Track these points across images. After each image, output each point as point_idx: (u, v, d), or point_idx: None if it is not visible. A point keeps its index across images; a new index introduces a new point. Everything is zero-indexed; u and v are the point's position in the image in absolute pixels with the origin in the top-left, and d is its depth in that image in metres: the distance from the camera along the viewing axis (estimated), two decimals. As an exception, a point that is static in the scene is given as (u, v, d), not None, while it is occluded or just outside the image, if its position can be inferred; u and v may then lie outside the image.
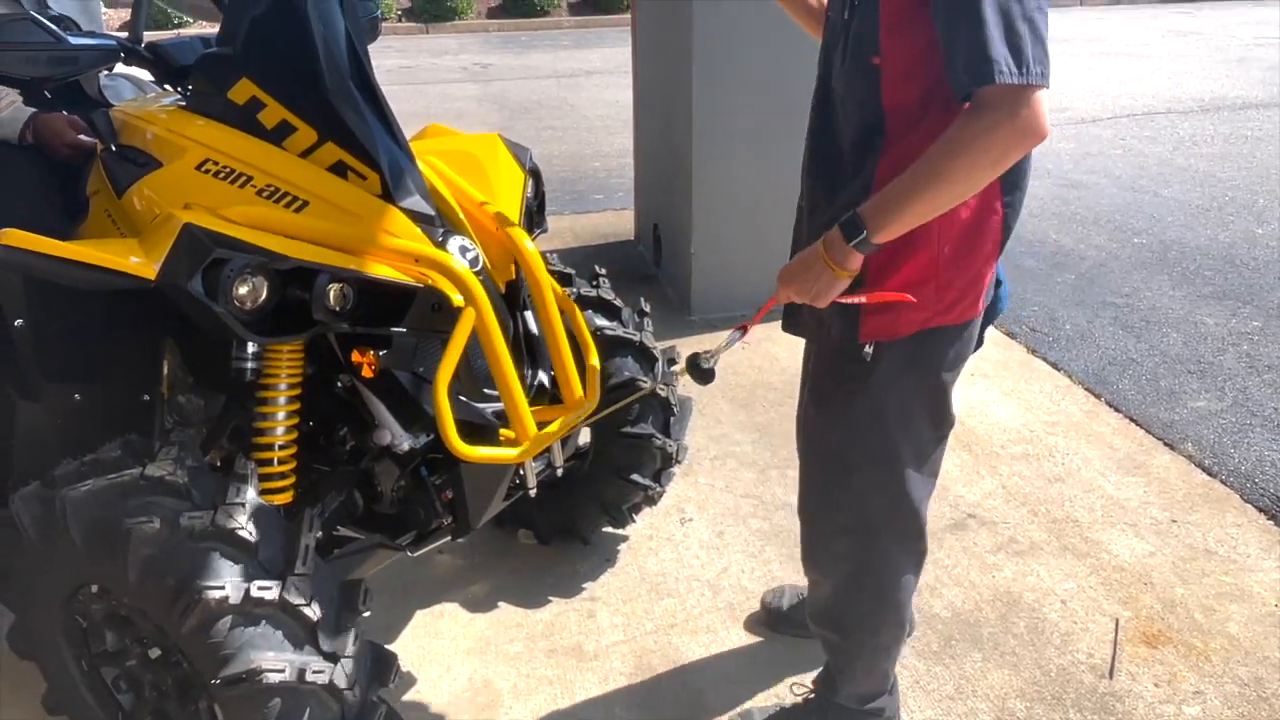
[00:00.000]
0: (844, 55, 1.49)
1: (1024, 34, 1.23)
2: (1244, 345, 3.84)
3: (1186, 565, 2.55)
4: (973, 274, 1.51)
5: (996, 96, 1.24)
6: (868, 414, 1.61)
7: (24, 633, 1.78)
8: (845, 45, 1.48)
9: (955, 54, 1.28)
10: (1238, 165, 6.31)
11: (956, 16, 1.26)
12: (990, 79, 1.22)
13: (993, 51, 1.21)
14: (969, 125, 1.26)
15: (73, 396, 1.81)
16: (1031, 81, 1.22)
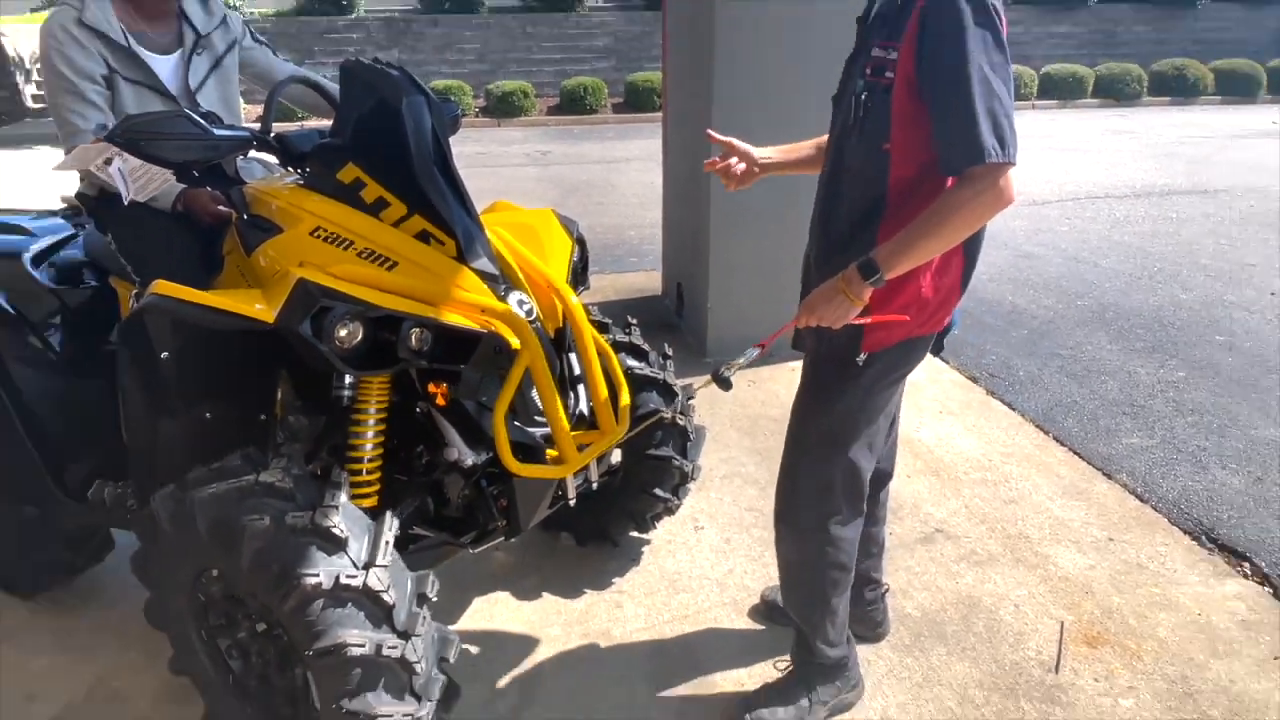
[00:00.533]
0: (859, 142, 1.56)
1: (1005, 125, 1.35)
2: (1170, 392, 3.77)
3: (1122, 578, 2.49)
4: (943, 298, 1.63)
5: (983, 172, 1.36)
6: (852, 406, 1.70)
7: (158, 608, 1.79)
8: (860, 135, 1.55)
9: (951, 140, 1.39)
10: (1165, 242, 6.24)
11: (952, 112, 1.37)
12: (981, 160, 1.33)
13: (984, 140, 1.33)
14: (961, 193, 1.39)
15: (204, 415, 1.83)
16: (1009, 160, 1.34)
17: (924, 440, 3.27)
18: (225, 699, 1.80)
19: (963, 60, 1.34)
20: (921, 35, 1.39)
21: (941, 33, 1.36)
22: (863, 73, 1.53)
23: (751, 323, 3.92)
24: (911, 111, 1.45)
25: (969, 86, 1.34)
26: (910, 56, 1.42)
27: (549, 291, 1.92)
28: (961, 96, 1.35)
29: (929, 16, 1.37)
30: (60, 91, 1.99)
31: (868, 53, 1.53)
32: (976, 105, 1.34)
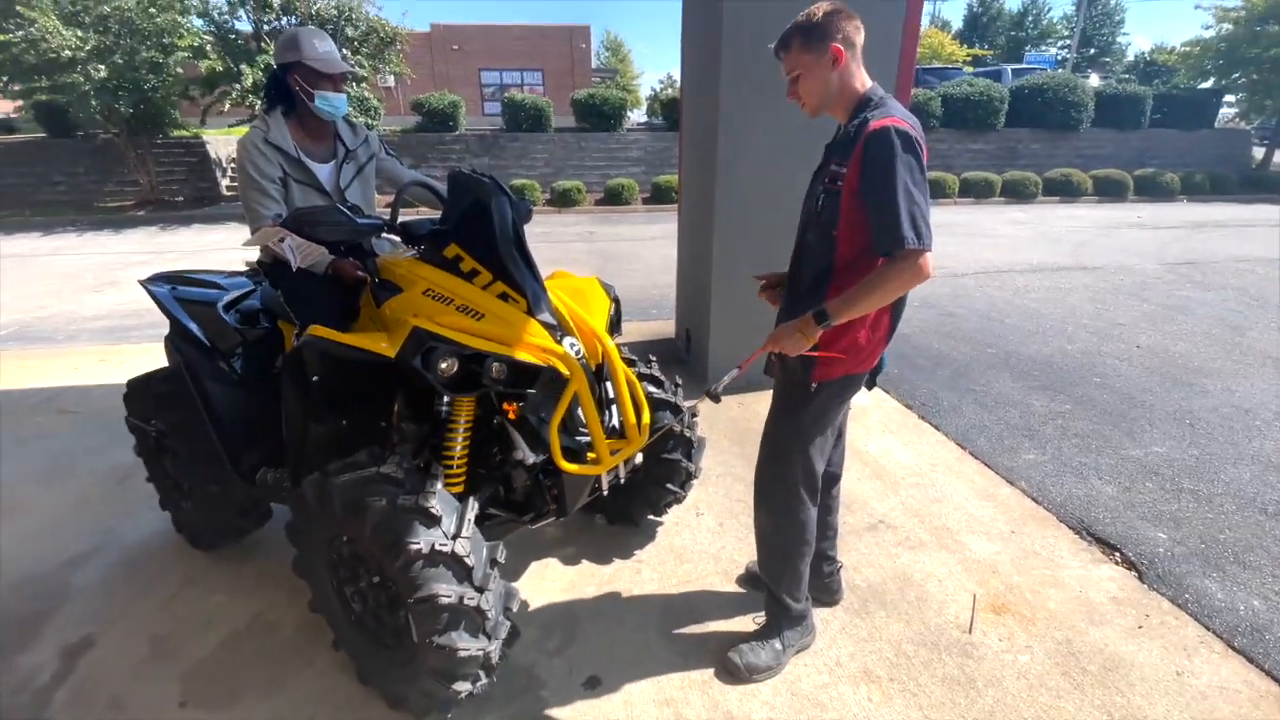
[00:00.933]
0: (816, 229, 1.62)
1: (921, 223, 1.42)
2: (1059, 420, 3.66)
3: (1021, 562, 2.42)
4: (874, 346, 1.68)
5: (904, 255, 1.42)
6: (808, 421, 1.74)
7: (303, 562, 1.81)
8: (817, 224, 1.61)
9: (881, 229, 1.45)
10: (1054, 306, 6.12)
11: (884, 213, 1.43)
12: (903, 246, 1.40)
13: (905, 232, 1.40)
14: (890, 269, 1.46)
15: (341, 422, 1.87)
16: (924, 247, 1.42)
17: (870, 452, 3.22)
18: (349, 631, 1.81)
19: (891, 177, 1.42)
20: (864, 158, 1.47)
21: (877, 157, 1.44)
22: (823, 182, 1.60)
23: (740, 359, 3.94)
24: (853, 210, 1.53)
25: (895, 195, 1.41)
26: (855, 173, 1.49)
27: (593, 337, 1.94)
28: (889, 202, 1.42)
29: (869, 146, 1.46)
30: (249, 188, 2.06)
31: (827, 168, 1.60)
32: (900, 208, 1.41)
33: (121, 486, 2.93)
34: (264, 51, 11.24)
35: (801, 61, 1.55)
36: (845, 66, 1.54)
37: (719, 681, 1.88)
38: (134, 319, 5.96)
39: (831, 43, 1.51)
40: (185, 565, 2.39)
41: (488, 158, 14.31)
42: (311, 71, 2.05)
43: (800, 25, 1.54)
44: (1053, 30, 35.15)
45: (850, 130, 1.54)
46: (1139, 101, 16.37)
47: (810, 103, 1.60)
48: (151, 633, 2.07)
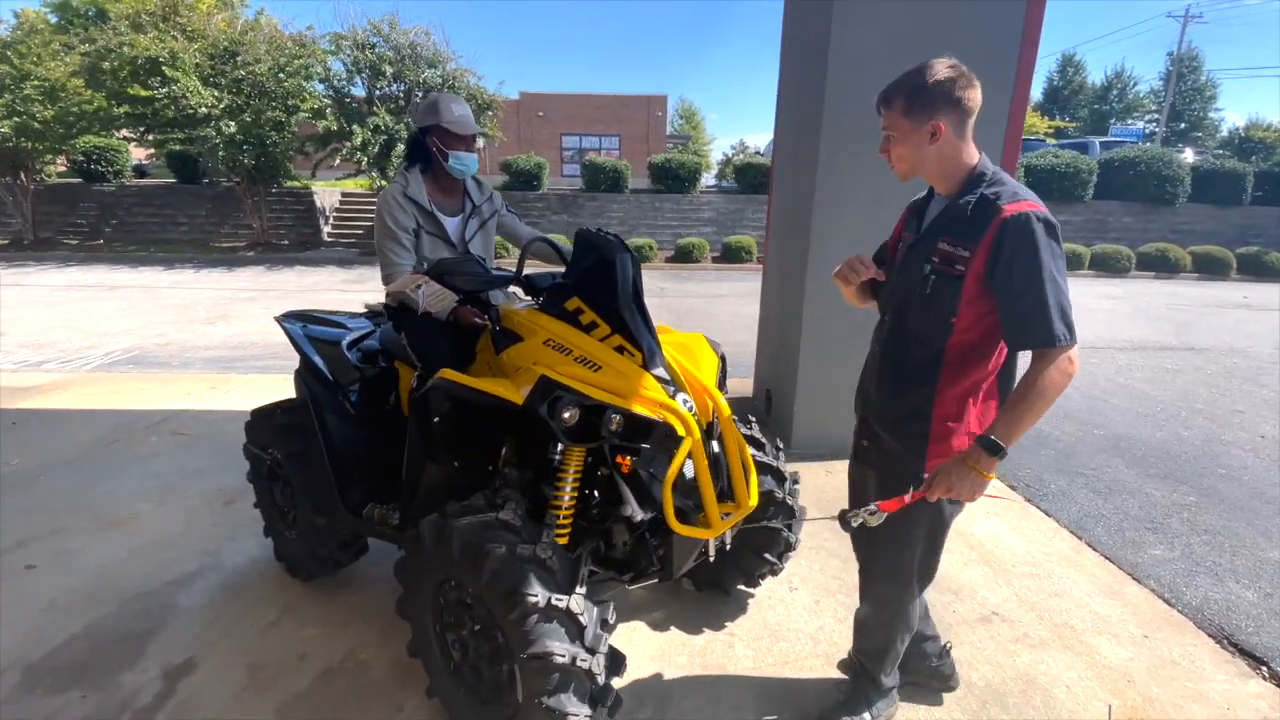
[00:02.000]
0: (925, 312, 1.49)
1: (1069, 315, 1.34)
2: (1185, 514, 3.34)
3: (1158, 671, 2.16)
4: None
5: (1058, 352, 1.33)
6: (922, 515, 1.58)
7: (409, 603, 1.80)
8: (926, 308, 1.48)
9: (1027, 324, 1.35)
10: (1163, 388, 5.71)
11: (1027, 302, 1.34)
12: (1054, 343, 1.32)
13: (1055, 327, 1.32)
14: (1048, 374, 1.33)
15: (454, 464, 1.89)
16: (1074, 342, 1.33)
17: (976, 535, 3.00)
18: (446, 680, 1.77)
19: (1038, 267, 1.33)
20: (999, 244, 1.36)
21: (1019, 245, 1.35)
22: (929, 259, 1.46)
23: (826, 424, 3.83)
24: (976, 296, 1.42)
25: (1043, 286, 1.32)
26: (984, 258, 1.38)
27: (704, 394, 1.91)
28: (1038, 295, 1.33)
29: (1008, 233, 1.35)
30: (385, 237, 2.19)
31: (933, 244, 1.47)
32: (1050, 302, 1.32)
33: (227, 509, 3.06)
34: (374, 114, 12.27)
35: (899, 125, 1.43)
36: (946, 140, 1.41)
37: (826, 777, 1.72)
38: (241, 350, 6.39)
39: (935, 117, 1.38)
40: (283, 593, 2.44)
41: (566, 215, 14.93)
42: (447, 133, 2.19)
43: (908, 86, 1.40)
44: (1139, 104, 34.31)
45: (968, 208, 1.41)
46: (1239, 178, 15.61)
47: (901, 168, 1.49)
48: (250, 661, 2.09)
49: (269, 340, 6.80)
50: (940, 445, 1.51)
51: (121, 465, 3.52)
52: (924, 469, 1.51)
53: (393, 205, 2.18)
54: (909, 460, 1.55)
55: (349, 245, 14.89)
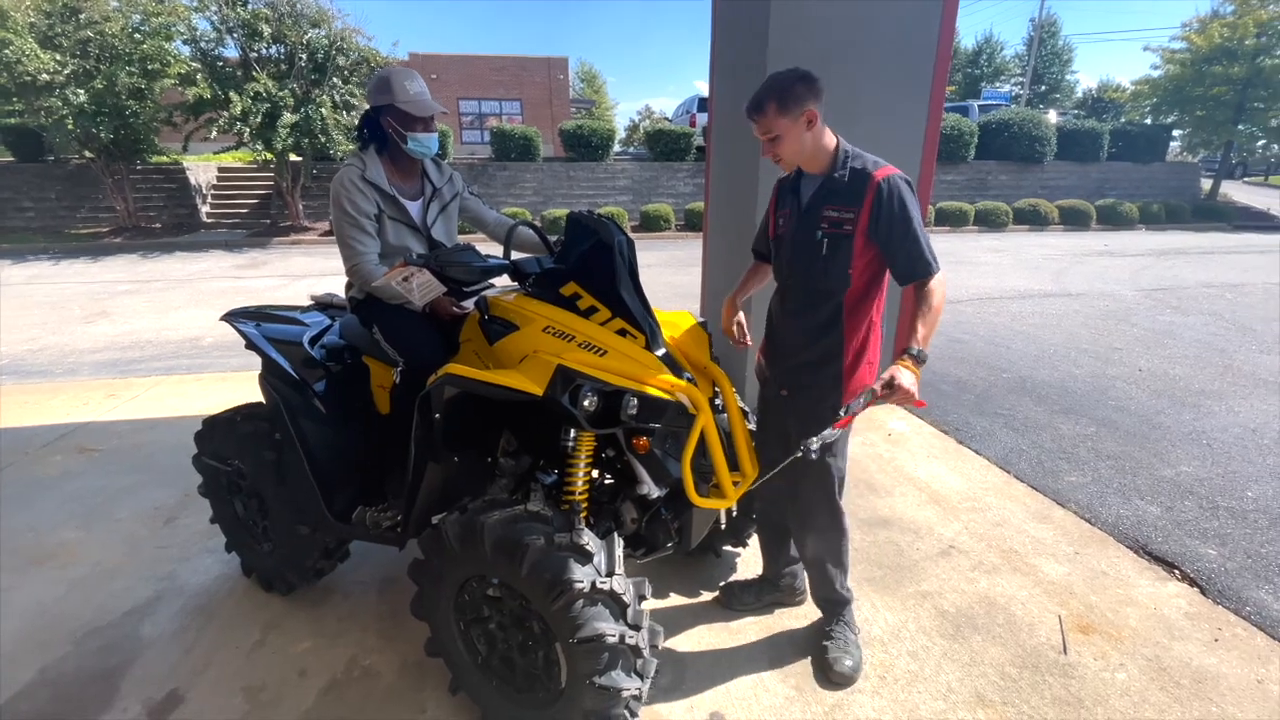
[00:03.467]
0: (823, 269, 1.77)
1: (932, 248, 1.69)
2: (1089, 443, 3.80)
3: (1093, 581, 2.49)
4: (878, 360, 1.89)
5: (934, 279, 1.68)
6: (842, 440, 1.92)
7: (426, 603, 1.77)
8: (826, 266, 1.76)
9: (909, 261, 1.69)
10: (1052, 331, 6.38)
11: (906, 245, 1.68)
12: (932, 272, 1.68)
13: (932, 262, 1.68)
14: (933, 291, 1.67)
15: (454, 459, 1.85)
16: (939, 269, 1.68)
17: (921, 477, 3.29)
18: (471, 674, 1.77)
19: (909, 218, 1.68)
20: (876, 204, 1.68)
21: (892, 203, 1.67)
22: (819, 227, 1.75)
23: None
24: (863, 249, 1.73)
25: (917, 232, 1.68)
26: (866, 216, 1.69)
27: (702, 370, 1.97)
28: (913, 239, 1.67)
29: (882, 195, 1.67)
30: (346, 224, 2.05)
31: (818, 214, 1.76)
32: (921, 243, 1.68)
33: (170, 528, 2.82)
34: (254, 79, 11.15)
35: (778, 125, 1.68)
36: (817, 127, 1.70)
37: (839, 708, 1.89)
38: (135, 351, 5.77)
39: (806, 107, 1.66)
40: (261, 610, 2.31)
41: (477, 186, 14.34)
42: (404, 114, 2.06)
43: (774, 91, 1.66)
44: (1005, 68, 37.02)
45: (843, 179, 1.72)
46: (1097, 136, 17.34)
47: (788, 160, 1.76)
48: (244, 684, 1.99)
49: (164, 338, 6.18)
50: (852, 377, 1.83)
51: (27, 492, 3.14)
52: (842, 400, 1.82)
53: (352, 190, 2.04)
54: (829, 396, 1.84)
55: (233, 226, 13.61)
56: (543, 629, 1.57)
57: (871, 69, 3.47)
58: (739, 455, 1.98)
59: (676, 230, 13.71)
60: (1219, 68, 16.98)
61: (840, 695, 1.94)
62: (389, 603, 2.33)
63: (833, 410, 1.80)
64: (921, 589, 2.43)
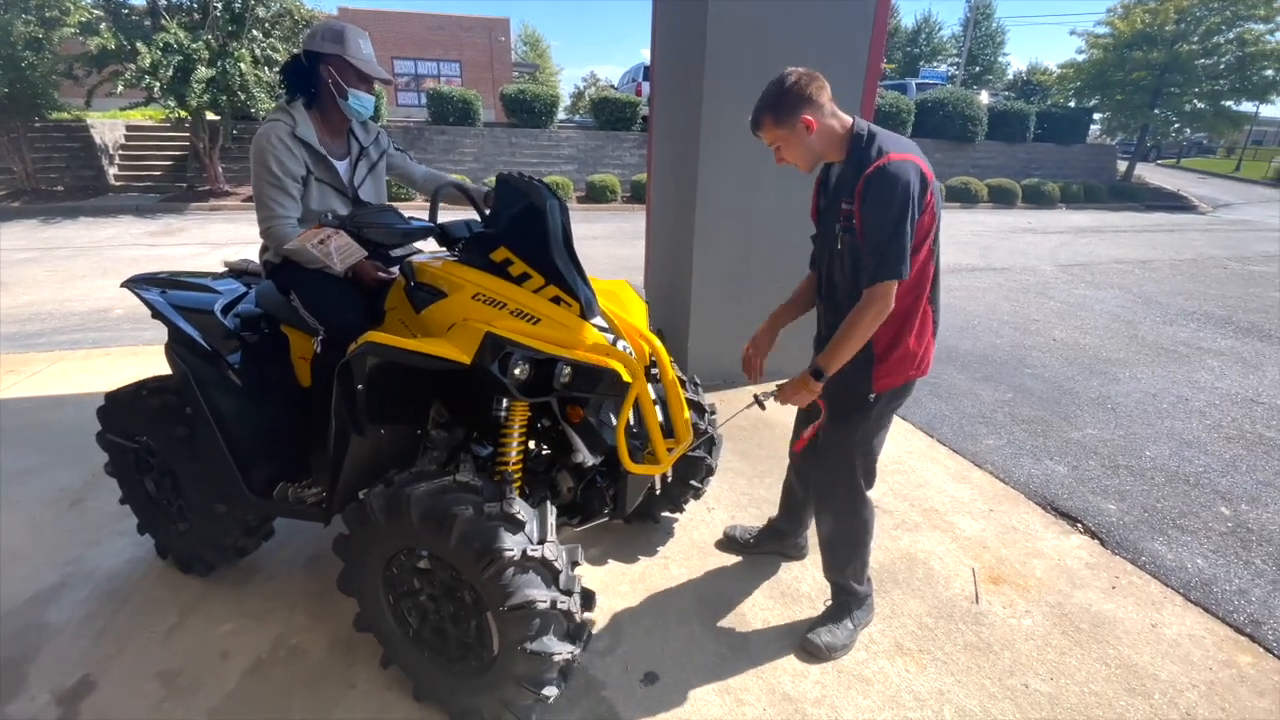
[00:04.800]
0: (843, 266, 1.71)
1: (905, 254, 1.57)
2: (1006, 408, 4.02)
3: (1004, 536, 2.65)
4: (926, 346, 1.80)
5: (877, 286, 1.59)
6: (869, 428, 1.85)
7: (352, 579, 1.73)
8: (843, 262, 1.71)
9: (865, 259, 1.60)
10: (977, 304, 6.67)
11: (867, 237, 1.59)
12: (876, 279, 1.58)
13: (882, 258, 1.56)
14: (867, 305, 1.59)
15: (380, 432, 1.79)
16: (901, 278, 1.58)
17: (853, 443, 3.41)
18: (403, 647, 1.75)
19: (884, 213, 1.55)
20: (864, 194, 1.58)
21: (873, 191, 1.56)
22: (838, 220, 1.68)
23: (719, 357, 4.05)
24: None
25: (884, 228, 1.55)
26: (858, 207, 1.60)
27: (638, 338, 1.96)
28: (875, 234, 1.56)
29: (870, 184, 1.56)
30: (267, 185, 1.93)
31: (838, 207, 1.68)
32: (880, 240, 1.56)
33: (76, 511, 2.64)
34: (163, 29, 10.26)
35: (778, 136, 1.66)
36: (820, 128, 1.63)
37: (769, 667, 1.96)
38: (36, 324, 5.31)
39: (800, 115, 1.60)
40: (178, 593, 2.20)
41: (414, 150, 13.74)
42: (350, 69, 1.94)
43: (769, 103, 1.62)
44: (942, 49, 37.93)
45: (852, 168, 1.63)
46: (1024, 117, 18.05)
47: (801, 165, 1.71)
48: (160, 669, 1.90)
49: (68, 310, 5.71)
50: (882, 367, 1.74)
51: (-90, 474, 2.87)
52: (871, 390, 1.76)
53: (279, 147, 1.91)
54: (860, 385, 1.77)
55: (145, 189, 12.62)
56: (474, 599, 1.56)
57: (807, 43, 3.47)
58: (674, 422, 1.99)
59: (623, 202, 13.56)
60: (1139, 53, 17.87)
61: (770, 652, 2.01)
62: (318, 580, 2.26)
63: (863, 397, 1.77)
64: (849, 548, 2.53)
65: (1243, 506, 2.99)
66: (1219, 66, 17.85)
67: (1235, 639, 2.15)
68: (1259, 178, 24.44)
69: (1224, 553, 2.64)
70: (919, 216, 1.57)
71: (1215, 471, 3.31)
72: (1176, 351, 5.28)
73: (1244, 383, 4.60)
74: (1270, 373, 4.83)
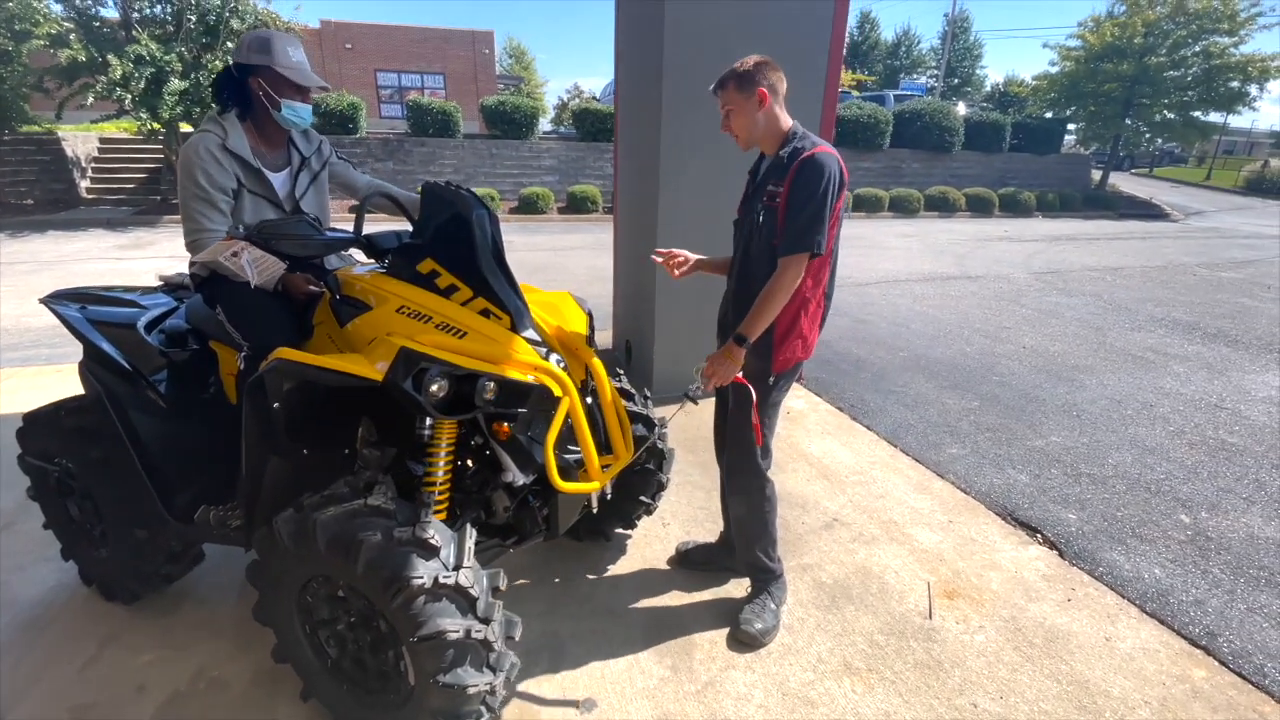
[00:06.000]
0: (759, 241, 1.85)
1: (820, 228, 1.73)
2: (971, 416, 4.00)
3: (962, 548, 2.61)
4: (814, 330, 1.94)
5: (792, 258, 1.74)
6: (768, 409, 1.99)
7: (268, 608, 1.64)
8: (760, 239, 1.85)
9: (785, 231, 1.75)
10: (949, 312, 6.68)
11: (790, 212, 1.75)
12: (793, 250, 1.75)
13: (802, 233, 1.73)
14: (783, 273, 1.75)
15: (303, 452, 1.71)
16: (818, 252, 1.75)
17: (814, 453, 3.36)
18: (322, 679, 1.66)
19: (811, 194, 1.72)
20: (796, 176, 1.74)
21: (804, 174, 1.73)
22: (761, 201, 1.85)
23: (686, 368, 3.99)
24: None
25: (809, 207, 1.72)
26: (787, 189, 1.76)
27: (575, 351, 1.91)
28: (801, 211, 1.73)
29: (803, 169, 1.74)
30: (194, 199, 1.85)
31: (763, 190, 1.84)
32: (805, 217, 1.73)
33: (7, 535, 2.53)
34: (135, 41, 10.14)
35: (733, 100, 1.82)
36: (770, 107, 1.81)
37: (712, 689, 1.89)
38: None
39: (759, 87, 1.79)
40: (100, 622, 2.09)
41: (392, 162, 13.68)
42: (281, 79, 1.88)
43: (734, 71, 1.81)
44: (922, 61, 38.50)
45: (784, 158, 1.80)
46: (1000, 128, 18.28)
47: (741, 135, 1.87)
48: (73, 703, 1.79)
49: (25, 326, 5.56)
50: (782, 347, 1.89)
51: None
52: (772, 368, 1.91)
53: (207, 160, 1.84)
54: (763, 364, 1.91)
55: (117, 202, 12.42)
56: (389, 628, 1.47)
57: (767, 44, 3.45)
58: (611, 438, 1.93)
59: (604, 212, 13.53)
60: (1110, 65, 18.18)
61: (714, 673, 1.95)
62: (249, 608, 2.13)
63: (765, 376, 1.91)
64: (803, 562, 2.47)
65: (1203, 514, 2.97)
66: (1186, 78, 18.21)
67: (1190, 652, 2.11)
68: (1229, 186, 24.95)
69: (1182, 562, 2.61)
70: (834, 204, 1.76)
71: (1177, 479, 3.29)
72: (1144, 358, 5.30)
73: (1208, 388, 4.61)
74: (1235, 378, 4.86)
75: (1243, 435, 3.83)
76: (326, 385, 1.56)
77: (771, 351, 1.89)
